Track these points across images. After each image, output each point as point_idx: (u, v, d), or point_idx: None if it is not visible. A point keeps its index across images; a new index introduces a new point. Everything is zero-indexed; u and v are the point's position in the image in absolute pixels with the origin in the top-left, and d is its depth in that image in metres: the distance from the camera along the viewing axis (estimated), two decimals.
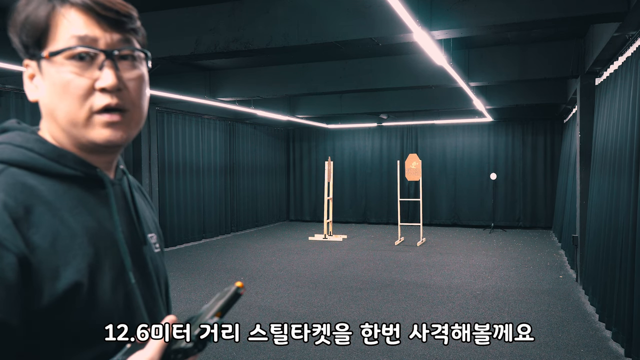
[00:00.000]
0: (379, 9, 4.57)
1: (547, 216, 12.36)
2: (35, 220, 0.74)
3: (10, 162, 0.77)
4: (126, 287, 0.84)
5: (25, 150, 0.79)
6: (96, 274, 0.78)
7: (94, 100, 0.80)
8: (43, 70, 0.80)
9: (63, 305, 0.73)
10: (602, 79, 5.95)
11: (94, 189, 0.85)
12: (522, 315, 5.35)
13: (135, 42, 0.85)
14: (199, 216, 10.86)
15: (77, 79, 0.79)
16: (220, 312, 0.77)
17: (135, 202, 0.94)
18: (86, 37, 0.79)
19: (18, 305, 0.69)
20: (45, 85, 0.80)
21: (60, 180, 0.80)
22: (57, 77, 0.79)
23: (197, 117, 10.86)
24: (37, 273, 0.71)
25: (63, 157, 0.81)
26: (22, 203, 0.74)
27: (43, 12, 0.79)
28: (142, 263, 0.90)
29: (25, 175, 0.77)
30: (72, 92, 0.79)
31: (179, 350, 0.75)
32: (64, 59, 0.79)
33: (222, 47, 5.14)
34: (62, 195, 0.79)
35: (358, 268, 7.78)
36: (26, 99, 7.14)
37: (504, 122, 12.69)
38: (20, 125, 0.84)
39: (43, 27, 0.79)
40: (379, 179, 13.83)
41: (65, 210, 0.78)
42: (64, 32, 0.79)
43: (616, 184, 4.72)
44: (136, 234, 0.91)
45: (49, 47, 0.79)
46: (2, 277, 0.68)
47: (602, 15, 4.18)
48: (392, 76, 7.62)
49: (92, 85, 0.79)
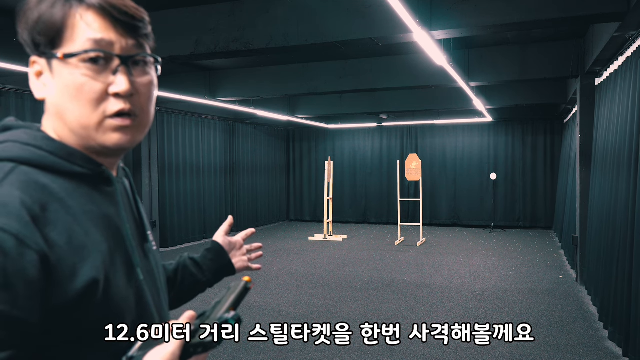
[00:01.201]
0: (379, 9, 4.57)
1: (547, 216, 12.36)
2: (51, 218, 0.74)
3: (19, 160, 0.77)
4: (136, 283, 0.85)
5: (33, 148, 0.79)
6: (110, 271, 0.79)
7: (107, 105, 0.80)
8: (54, 70, 0.80)
9: (81, 302, 0.73)
10: (602, 79, 5.95)
11: (101, 186, 0.85)
12: (522, 315, 5.35)
13: (147, 47, 0.85)
14: (199, 216, 10.86)
15: (91, 83, 0.79)
16: (233, 306, 0.78)
17: (136, 200, 0.96)
18: (102, 41, 0.79)
19: (38, 303, 0.69)
20: (56, 84, 0.80)
21: (69, 178, 0.80)
22: (71, 79, 0.78)
23: (197, 117, 10.86)
24: (57, 270, 0.72)
25: (72, 155, 0.81)
26: (38, 201, 0.74)
27: (59, 13, 0.78)
28: (146, 260, 0.91)
29: (36, 174, 0.77)
30: (85, 96, 0.79)
31: (199, 345, 0.75)
32: (78, 61, 0.78)
33: (222, 47, 5.14)
34: (73, 193, 0.79)
35: (358, 268, 7.78)
36: (26, 99, 7.14)
37: (504, 122, 12.69)
38: (24, 123, 0.84)
39: (58, 27, 0.78)
40: (379, 179, 13.83)
41: (77, 208, 0.78)
42: (80, 34, 0.78)
43: (615, 183, 4.73)
44: (139, 231, 0.93)
45: (63, 47, 0.78)
46: (24, 275, 0.68)
47: (602, 15, 4.18)
48: (392, 76, 7.62)
49: (106, 90, 0.79)
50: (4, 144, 0.79)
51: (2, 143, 0.79)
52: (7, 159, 0.77)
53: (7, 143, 0.79)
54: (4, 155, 0.77)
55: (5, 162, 0.76)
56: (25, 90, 7.06)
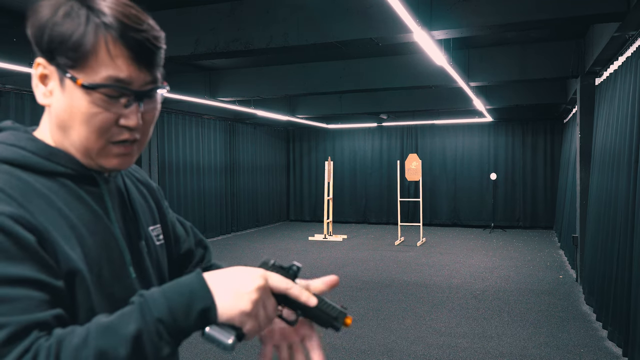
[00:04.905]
0: (379, 9, 4.57)
1: (547, 216, 12.36)
2: (35, 209, 0.75)
3: (3, 160, 0.79)
4: (126, 281, 0.86)
5: (17, 148, 0.80)
6: (96, 266, 0.80)
7: (113, 132, 0.81)
8: (66, 86, 0.79)
9: (67, 288, 0.75)
10: (602, 79, 5.95)
11: (87, 186, 0.86)
12: (522, 315, 5.35)
13: (159, 77, 0.86)
14: (199, 216, 10.86)
15: (104, 114, 0.79)
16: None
17: (131, 198, 0.95)
18: (124, 80, 0.79)
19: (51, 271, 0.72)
20: (65, 101, 0.80)
21: (53, 178, 0.81)
22: (83, 104, 0.78)
23: (197, 117, 10.86)
24: (51, 251, 0.74)
25: (55, 155, 0.82)
26: (20, 194, 0.76)
27: (90, 39, 0.77)
28: (140, 258, 0.91)
29: (20, 172, 0.79)
30: (95, 124, 0.80)
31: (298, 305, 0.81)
32: (94, 91, 0.79)
33: (222, 47, 5.14)
34: (57, 191, 0.81)
35: (358, 268, 7.78)
36: (26, 99, 7.14)
37: (504, 122, 12.69)
38: (14, 125, 0.86)
39: (85, 52, 0.77)
40: (379, 179, 13.83)
41: (62, 204, 0.80)
42: (103, 67, 0.78)
43: (615, 183, 4.73)
44: (133, 229, 0.93)
45: (83, 72, 0.78)
46: (30, 249, 0.71)
47: (602, 15, 4.18)
48: (392, 76, 7.62)
49: (116, 120, 0.81)
50: None
51: None
52: None
53: None
54: None
55: None
56: (25, 90, 7.06)
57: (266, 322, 0.77)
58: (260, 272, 0.77)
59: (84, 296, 0.76)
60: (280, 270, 0.81)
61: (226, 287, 0.73)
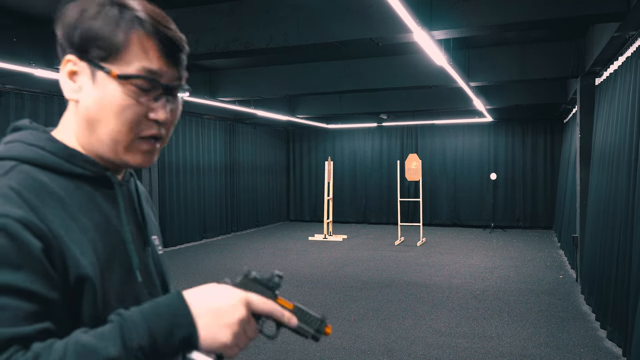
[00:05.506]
0: (379, 9, 4.57)
1: (547, 216, 12.36)
2: (48, 212, 0.76)
3: (21, 159, 0.79)
4: (133, 285, 0.86)
5: (36, 148, 0.81)
6: (106, 270, 0.80)
7: (142, 126, 0.83)
8: (98, 80, 0.81)
9: (72, 296, 0.75)
10: (602, 79, 5.95)
11: (102, 188, 0.87)
12: (522, 315, 5.35)
13: (184, 77, 0.89)
14: (199, 216, 10.86)
15: (135, 106, 0.82)
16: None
17: (141, 203, 0.97)
18: (155, 72, 0.82)
19: (51, 282, 0.72)
20: (97, 94, 0.81)
21: (70, 179, 0.82)
22: (116, 96, 0.81)
23: (197, 117, 10.86)
24: (56, 258, 0.74)
25: (72, 157, 0.83)
26: (36, 195, 0.76)
27: (123, 34, 0.80)
28: (145, 263, 0.92)
29: (37, 172, 0.79)
30: (126, 116, 0.81)
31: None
32: (127, 82, 0.81)
33: (222, 47, 5.14)
34: (72, 193, 0.81)
35: (358, 268, 7.78)
36: (26, 99, 7.14)
37: (504, 122, 12.69)
38: (32, 125, 0.86)
39: (119, 46, 0.80)
40: (379, 179, 13.83)
41: (76, 207, 0.80)
42: (135, 59, 0.81)
43: (615, 183, 4.73)
44: (140, 234, 0.94)
45: (116, 65, 0.81)
46: (33, 256, 0.70)
47: (602, 15, 4.18)
48: (392, 76, 7.63)
49: (145, 114, 0.83)
50: (11, 143, 0.82)
51: (10, 143, 0.82)
52: (9, 158, 0.79)
53: (13, 143, 0.82)
54: (7, 154, 0.80)
55: (7, 160, 0.79)
56: (25, 90, 7.06)
57: (247, 344, 0.80)
58: (242, 299, 0.79)
59: (90, 302, 0.76)
60: (260, 284, 0.83)
61: (208, 314, 0.75)
